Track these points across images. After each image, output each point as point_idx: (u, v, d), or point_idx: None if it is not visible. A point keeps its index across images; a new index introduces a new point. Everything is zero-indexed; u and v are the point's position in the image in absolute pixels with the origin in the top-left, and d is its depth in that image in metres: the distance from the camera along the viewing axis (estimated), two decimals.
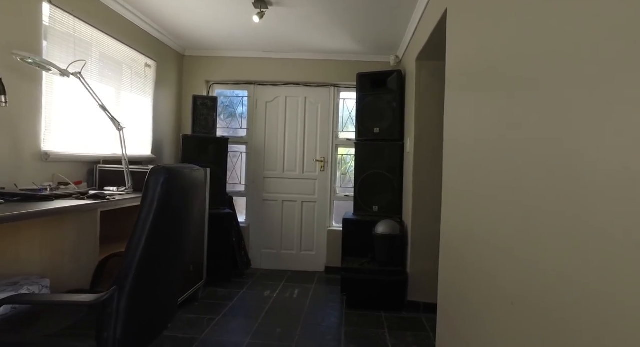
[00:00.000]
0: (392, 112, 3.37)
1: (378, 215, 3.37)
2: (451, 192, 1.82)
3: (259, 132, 4.00)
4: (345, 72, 3.86)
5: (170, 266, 1.44)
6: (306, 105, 3.98)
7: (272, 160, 3.99)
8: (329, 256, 3.90)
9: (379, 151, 3.41)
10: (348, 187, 4.03)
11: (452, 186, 1.80)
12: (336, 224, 4.01)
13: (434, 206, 2.89)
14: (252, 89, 4.01)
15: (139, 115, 3.17)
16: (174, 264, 1.48)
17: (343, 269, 3.02)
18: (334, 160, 3.99)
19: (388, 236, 2.98)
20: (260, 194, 3.99)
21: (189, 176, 1.42)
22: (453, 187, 1.79)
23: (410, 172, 2.99)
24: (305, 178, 3.98)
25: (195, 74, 3.95)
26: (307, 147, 3.98)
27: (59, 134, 2.33)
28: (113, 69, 2.83)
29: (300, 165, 3.98)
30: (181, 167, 1.36)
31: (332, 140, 3.98)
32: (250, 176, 4.01)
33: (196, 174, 1.51)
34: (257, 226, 3.98)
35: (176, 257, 1.47)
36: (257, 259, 3.97)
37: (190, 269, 2.77)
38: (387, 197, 3.39)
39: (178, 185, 1.34)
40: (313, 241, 3.97)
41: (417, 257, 2.92)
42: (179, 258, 1.50)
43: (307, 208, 3.98)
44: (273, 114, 3.99)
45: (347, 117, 4.03)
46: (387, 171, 3.38)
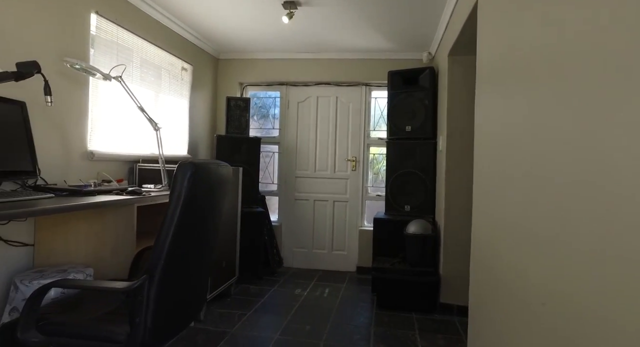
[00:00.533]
0: (424, 110, 3.30)
1: (410, 215, 3.31)
2: (482, 189, 1.76)
3: (291, 132, 4.06)
4: (377, 70, 3.84)
5: (196, 258, 1.50)
6: (337, 104, 4.00)
7: (303, 159, 4.04)
8: (361, 255, 3.88)
9: (410, 150, 3.36)
10: (380, 186, 3.99)
11: (483, 182, 1.74)
12: (368, 224, 3.98)
13: (467, 205, 2.80)
14: (284, 90, 4.08)
15: (176, 116, 3.33)
16: (201, 257, 1.54)
17: (374, 269, 2.99)
18: (366, 159, 3.97)
19: (419, 235, 2.93)
20: (292, 194, 4.05)
21: (216, 171, 1.48)
22: (484, 184, 1.73)
23: (442, 171, 2.92)
24: (336, 178, 4.00)
25: (229, 77, 4.08)
26: (338, 146, 3.99)
27: (103, 134, 2.49)
28: (152, 73, 2.99)
29: (332, 164, 4.00)
30: (207, 163, 1.42)
31: (363, 139, 3.96)
32: (282, 176, 4.08)
33: (223, 170, 1.56)
34: (289, 225, 4.04)
35: (202, 250, 1.53)
36: (288, 257, 4.03)
37: (222, 266, 2.87)
38: (419, 197, 3.32)
39: (204, 179, 1.40)
40: (344, 240, 3.97)
41: (450, 259, 2.84)
42: (205, 251, 1.56)
43: (338, 208, 3.99)
44: (305, 114, 4.04)
45: (378, 116, 4.00)
46: (420, 170, 3.31)
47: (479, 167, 1.83)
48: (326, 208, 4.00)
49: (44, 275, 1.71)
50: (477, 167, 1.85)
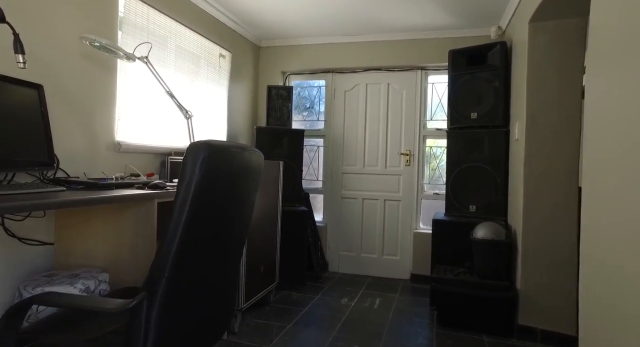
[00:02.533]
0: (494, 92, 2.79)
1: (476, 216, 2.82)
2: (599, 188, 1.28)
3: (337, 124, 3.69)
4: (434, 51, 3.36)
5: (218, 264, 1.18)
6: (389, 92, 3.57)
7: (351, 154, 3.66)
8: (416, 262, 3.43)
9: (476, 140, 2.86)
10: (438, 183, 3.51)
11: (601, 179, 1.26)
12: (424, 226, 3.52)
13: (554, 205, 2.27)
14: (330, 78, 3.72)
15: (213, 106, 3.09)
16: (224, 263, 1.22)
17: (434, 279, 2.54)
18: (422, 153, 3.51)
19: (490, 241, 2.44)
20: (338, 191, 3.68)
21: (241, 156, 1.15)
22: (603, 182, 1.25)
23: (520, 163, 2.40)
24: (388, 174, 3.57)
25: (271, 65, 3.80)
26: (390, 139, 3.56)
27: (132, 124, 2.28)
28: (187, 59, 2.77)
29: (383, 159, 3.58)
30: (228, 145, 1.09)
31: (419, 130, 3.50)
32: (327, 172, 3.72)
33: (251, 156, 1.23)
34: (335, 226, 3.68)
35: (226, 254, 1.21)
36: (334, 261, 3.67)
37: (260, 270, 2.57)
38: (488, 195, 2.81)
39: (223, 166, 1.07)
40: (397, 244, 3.53)
41: (531, 270, 2.33)
42: (230, 255, 1.24)
43: (390, 207, 3.56)
44: (352, 103, 3.66)
45: (436, 103, 3.51)
46: (488, 164, 2.81)
47: (592, 159, 1.34)
48: (376, 208, 3.59)
49: (52, 281, 1.48)
50: (590, 160, 1.36)
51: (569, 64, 2.25)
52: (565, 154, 2.26)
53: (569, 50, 2.26)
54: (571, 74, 2.25)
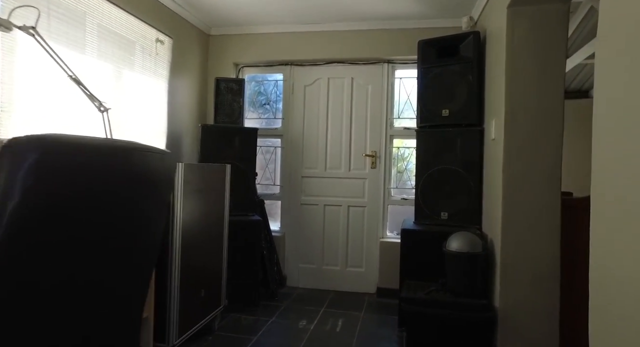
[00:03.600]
0: (467, 87, 2.51)
1: (448, 224, 2.52)
2: (617, 196, 0.97)
3: (297, 123, 3.31)
4: (402, 43, 3.06)
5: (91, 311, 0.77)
6: (353, 87, 3.23)
7: (312, 156, 3.29)
8: (382, 274, 3.10)
9: (448, 140, 2.57)
10: (406, 187, 3.21)
11: (619, 183, 0.96)
12: (391, 233, 3.21)
13: (535, 213, 2.00)
14: (288, 71, 3.34)
15: (149, 100, 2.62)
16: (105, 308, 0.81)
17: (403, 300, 2.21)
18: (388, 154, 3.19)
19: (466, 254, 2.14)
20: (297, 197, 3.30)
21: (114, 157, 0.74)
22: (622, 187, 0.94)
23: (498, 166, 2.12)
24: (352, 177, 3.23)
25: (222, 56, 3.36)
26: (354, 139, 3.23)
27: (24, 117, 1.79)
28: (114, 43, 2.29)
29: (346, 161, 3.24)
30: (85, 141, 0.68)
31: (385, 130, 3.18)
32: (285, 175, 3.33)
33: (143, 158, 0.83)
34: (293, 236, 3.29)
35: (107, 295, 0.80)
36: (293, 275, 3.28)
37: (201, 295, 2.14)
38: (461, 201, 2.53)
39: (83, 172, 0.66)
40: (362, 254, 3.20)
41: (511, 287, 2.05)
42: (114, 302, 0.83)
43: (354, 214, 3.22)
44: (313, 99, 3.29)
45: (404, 100, 3.21)
46: (461, 166, 2.52)
47: (603, 159, 1.04)
48: (339, 215, 3.24)
49: None
50: (600, 159, 1.06)
51: (550, 54, 1.99)
52: (547, 155, 1.99)
53: (550, 38, 2.00)
54: (553, 64, 1.99)
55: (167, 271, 1.87)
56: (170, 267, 1.87)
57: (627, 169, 0.91)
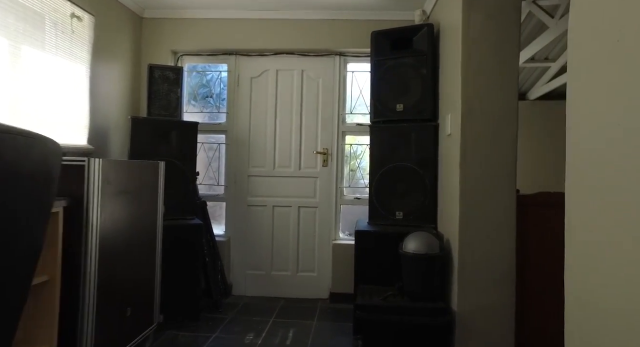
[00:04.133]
0: (422, 81, 2.40)
1: (404, 224, 2.40)
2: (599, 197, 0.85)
3: (242, 118, 3.03)
4: (354, 35, 2.90)
5: None
6: (303, 80, 3.02)
7: (259, 153, 3.03)
8: (336, 277, 2.92)
9: (403, 136, 2.45)
10: (359, 186, 3.06)
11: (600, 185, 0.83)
12: (344, 235, 3.04)
13: (492, 211, 1.92)
14: (233, 61, 3.05)
15: (64, 86, 2.21)
16: None
17: (358, 307, 2.04)
18: (341, 151, 3.02)
19: (423, 256, 2.01)
20: (244, 198, 3.02)
21: None
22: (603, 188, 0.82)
23: (454, 163, 2.02)
24: (303, 176, 3.02)
25: (158, 42, 2.99)
26: (305, 135, 3.02)
27: None
28: (7, 10, 1.87)
29: (296, 159, 3.02)
30: None
31: (337, 125, 3.01)
32: (230, 175, 3.04)
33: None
34: (240, 240, 3.01)
35: None
36: (240, 283, 2.99)
37: (126, 314, 1.80)
38: (416, 200, 2.41)
39: None
40: (314, 258, 2.99)
41: (469, 289, 1.94)
42: None
43: (305, 215, 3.01)
44: (260, 93, 3.03)
45: (357, 95, 3.06)
46: (416, 163, 2.41)
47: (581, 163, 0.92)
48: (289, 216, 3.01)
49: None
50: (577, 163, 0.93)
51: (505, 47, 1.92)
52: (503, 151, 1.92)
53: (505, 31, 1.93)
54: (508, 57, 1.92)
55: (78, 289, 1.52)
56: (83, 285, 1.53)
57: (603, 166, 0.78)
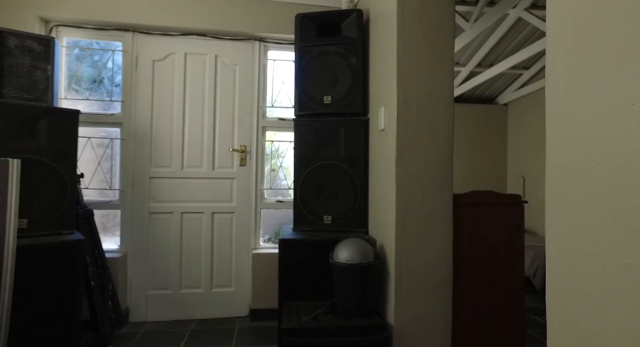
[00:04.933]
0: (351, 71, 2.14)
1: (333, 230, 2.11)
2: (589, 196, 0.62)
3: (143, 108, 2.47)
4: (276, 18, 2.55)
5: None
6: (217, 67, 2.57)
7: (164, 151, 2.50)
8: (256, 292, 2.52)
9: (330, 132, 2.16)
10: (282, 188, 2.71)
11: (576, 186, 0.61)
12: (265, 243, 2.66)
13: (429, 214, 1.72)
14: (130, 40, 2.47)
15: None
16: None
17: (284, 332, 1.68)
18: (261, 149, 2.64)
19: (357, 266, 1.73)
20: (145, 204, 2.46)
21: None
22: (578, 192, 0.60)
23: (390, 161, 1.78)
24: (217, 177, 2.56)
25: (19, 5, 2.28)
26: (219, 130, 2.57)
27: None
28: None
29: (209, 158, 2.55)
30: None
31: (257, 120, 2.62)
32: (127, 176, 2.45)
33: None
34: (140, 255, 2.44)
35: None
36: (139, 307, 2.43)
37: None
38: (346, 202, 2.15)
39: None
40: (231, 271, 2.56)
41: (406, 299, 1.72)
42: None
43: (220, 222, 2.56)
44: (166, 79, 2.50)
45: (279, 87, 2.71)
46: (345, 162, 2.14)
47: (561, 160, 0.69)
48: (201, 224, 2.53)
49: None
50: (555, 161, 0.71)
51: (441, 35, 1.74)
52: (441, 147, 1.74)
53: (441, 17, 1.75)
54: (444, 45, 1.74)
55: None
56: None
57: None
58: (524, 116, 4.21)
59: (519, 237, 1.89)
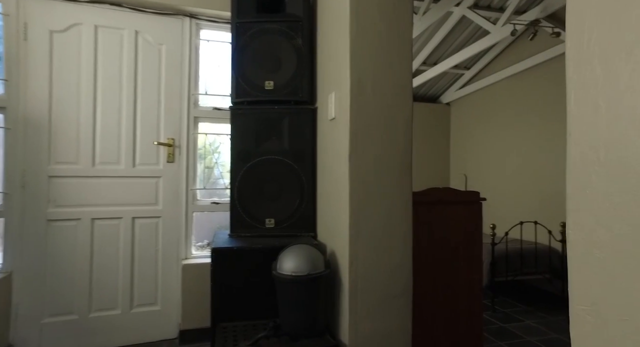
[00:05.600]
0: (297, 54, 1.85)
1: (277, 235, 1.80)
2: None
3: (37, 89, 1.95)
4: None
5: None
6: (139, 45, 2.12)
7: (68, 144, 2.00)
8: (187, 309, 2.12)
9: (273, 122, 1.85)
10: (218, 188, 2.33)
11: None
12: (198, 252, 2.27)
13: (386, 216, 1.48)
14: (14, 1, 1.93)
15: None
16: None
17: None
18: (192, 143, 2.24)
19: (305, 278, 1.44)
20: (40, 210, 1.94)
21: None
22: None
23: (341, 153, 1.51)
24: (139, 176, 2.12)
25: None
26: (141, 120, 2.12)
27: None
28: None
29: (129, 153, 2.10)
30: None
31: (188, 109, 2.22)
32: (14, 175, 1.91)
33: None
34: (32, 274, 1.91)
35: None
36: (31, 340, 1.90)
37: None
38: (291, 203, 1.84)
39: None
40: (156, 286, 2.13)
41: (363, 314, 1.46)
42: None
43: (143, 229, 2.12)
44: (69, 55, 2.00)
45: (215, 72, 2.33)
46: (290, 157, 1.84)
47: None
48: (119, 232, 2.07)
49: None
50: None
51: (400, 13, 1.52)
52: (399, 139, 1.51)
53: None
54: (402, 25, 1.52)
55: None
56: None
57: None
58: (465, 116, 4.24)
59: (478, 237, 1.74)
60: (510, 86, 3.55)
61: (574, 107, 0.59)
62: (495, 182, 3.73)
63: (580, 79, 0.58)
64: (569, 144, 0.60)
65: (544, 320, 2.75)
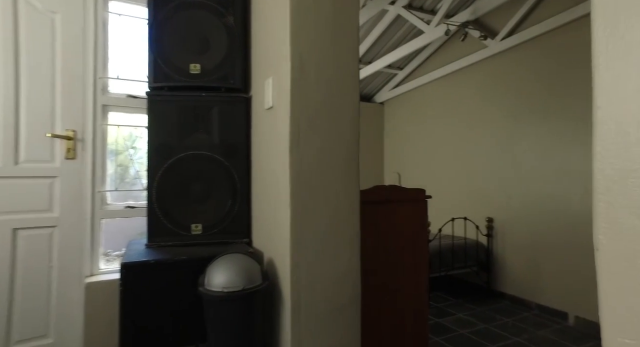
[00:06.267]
0: (228, 34, 1.58)
1: (205, 242, 1.52)
2: None
3: None
4: None
5: None
6: (20, 11, 1.67)
7: None
8: (92, 340, 1.71)
9: (200, 112, 1.56)
10: (134, 190, 1.95)
11: None
12: (108, 265, 1.87)
13: (331, 217, 1.30)
14: None
15: None
16: None
17: None
18: (101, 136, 1.83)
19: (239, 294, 1.19)
20: None
21: None
22: None
23: (281, 147, 1.29)
24: (23, 176, 1.66)
25: None
26: (27, 107, 1.67)
27: None
28: None
29: (9, 147, 1.64)
30: None
31: (94, 96, 1.81)
32: None
33: None
34: None
35: None
36: None
37: None
38: (222, 205, 1.57)
39: None
40: (47, 313, 1.68)
41: (308, 330, 1.25)
42: None
43: (30, 241, 1.66)
44: None
45: (128, 53, 1.94)
46: (220, 152, 1.56)
47: None
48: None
49: None
50: None
51: None
52: (345, 131, 1.33)
53: None
54: (347, 3, 1.35)
55: None
56: None
57: None
58: (398, 115, 4.28)
59: (424, 236, 1.64)
60: (441, 87, 3.64)
61: None
62: (427, 179, 3.80)
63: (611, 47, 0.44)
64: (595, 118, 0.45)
65: (473, 311, 2.82)
